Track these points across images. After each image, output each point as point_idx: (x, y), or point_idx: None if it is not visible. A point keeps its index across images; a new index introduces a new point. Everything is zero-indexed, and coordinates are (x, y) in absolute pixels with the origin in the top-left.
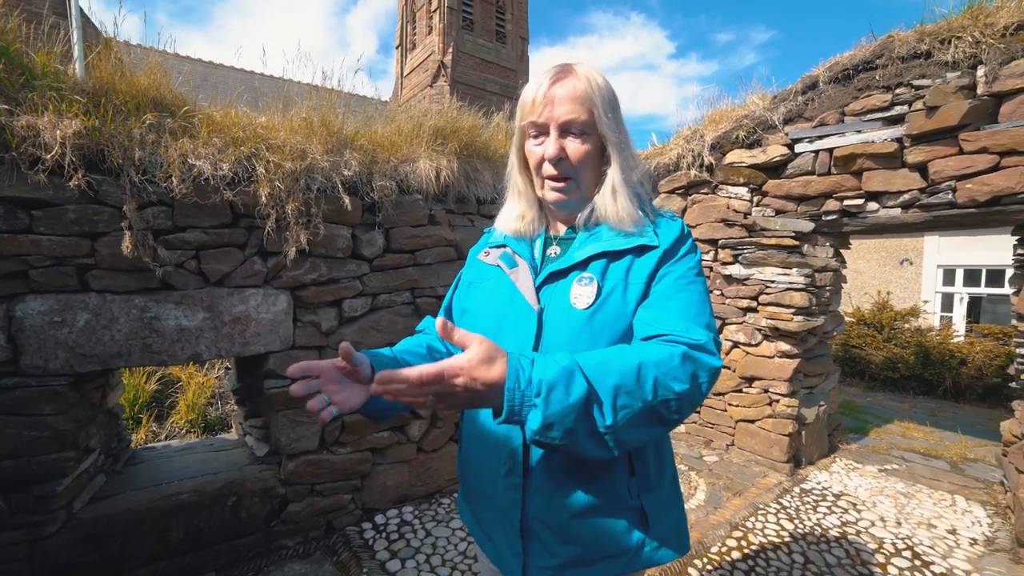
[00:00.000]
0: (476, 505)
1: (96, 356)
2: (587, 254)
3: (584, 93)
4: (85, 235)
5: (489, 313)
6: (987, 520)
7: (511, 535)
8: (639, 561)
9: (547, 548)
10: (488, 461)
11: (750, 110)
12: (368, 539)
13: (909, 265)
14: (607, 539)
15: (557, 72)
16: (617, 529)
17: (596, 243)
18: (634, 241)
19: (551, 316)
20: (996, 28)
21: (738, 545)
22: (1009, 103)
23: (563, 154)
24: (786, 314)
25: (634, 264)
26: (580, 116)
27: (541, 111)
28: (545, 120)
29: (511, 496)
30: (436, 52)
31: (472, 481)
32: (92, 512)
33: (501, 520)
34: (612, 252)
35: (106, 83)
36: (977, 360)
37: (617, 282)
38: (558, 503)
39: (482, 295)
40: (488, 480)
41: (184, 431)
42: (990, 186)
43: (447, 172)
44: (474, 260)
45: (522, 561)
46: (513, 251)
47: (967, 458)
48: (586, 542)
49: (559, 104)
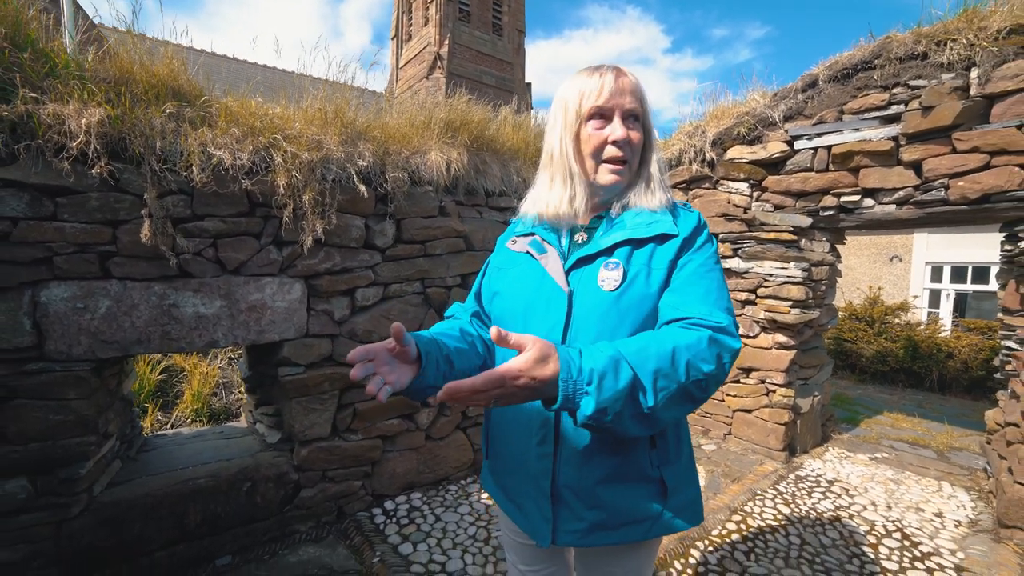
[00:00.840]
0: (505, 477)
1: (117, 342)
2: (613, 241)
3: (639, 88)
4: (107, 223)
5: (520, 295)
6: (971, 504)
7: (542, 501)
8: (658, 527)
9: (575, 513)
10: (520, 434)
11: (751, 107)
12: (379, 524)
13: (899, 262)
14: (630, 505)
15: (614, 68)
16: (639, 496)
17: (621, 231)
18: (656, 229)
19: (580, 298)
20: (989, 31)
21: (737, 528)
22: (1000, 104)
23: (629, 137)
24: (783, 307)
25: (656, 251)
26: (638, 107)
27: (609, 98)
28: (612, 106)
29: (543, 465)
30: (432, 44)
31: (502, 454)
32: (111, 496)
33: (532, 488)
34: (636, 240)
35: (126, 72)
36: (963, 354)
37: (641, 267)
38: (586, 471)
39: (512, 279)
40: (519, 451)
41: (190, 420)
42: (981, 184)
43: (457, 164)
44: (502, 247)
45: (551, 525)
46: (542, 239)
47: (953, 447)
48: (611, 508)
49: (622, 94)
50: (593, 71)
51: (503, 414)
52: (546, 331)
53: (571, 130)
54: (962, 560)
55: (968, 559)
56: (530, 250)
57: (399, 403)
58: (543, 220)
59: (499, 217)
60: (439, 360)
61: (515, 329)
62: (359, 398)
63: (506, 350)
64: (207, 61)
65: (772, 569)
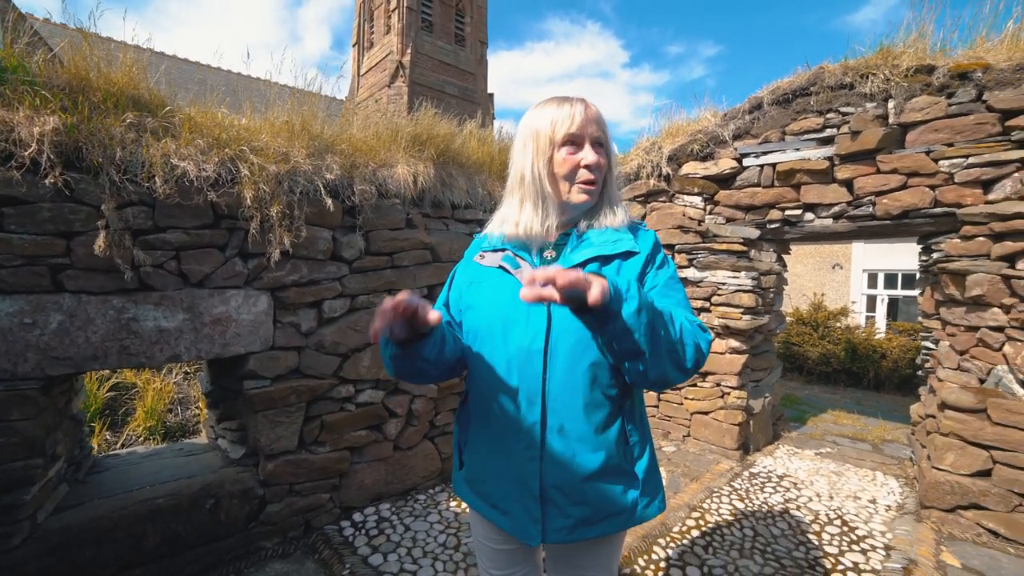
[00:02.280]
0: (484, 484)
1: (70, 359)
2: (584, 257)
3: (602, 118)
4: (60, 234)
5: (497, 308)
6: (899, 490)
7: (530, 503)
8: (634, 518)
9: (562, 511)
10: (504, 440)
11: (703, 125)
12: (348, 536)
13: (840, 269)
14: (610, 499)
15: (581, 100)
16: (618, 490)
17: (589, 247)
18: (621, 247)
19: (559, 309)
20: (901, 69)
21: (696, 524)
22: (912, 132)
23: (599, 162)
24: (736, 313)
25: (622, 267)
26: (603, 135)
27: (581, 126)
28: (583, 133)
29: (530, 467)
30: (395, 52)
31: (480, 463)
32: (59, 522)
33: (520, 491)
34: (604, 256)
35: (82, 79)
36: (894, 354)
37: None
38: (571, 470)
39: (486, 293)
40: (502, 458)
41: (142, 438)
42: (900, 202)
43: (424, 177)
44: (470, 262)
45: (541, 525)
46: (515, 254)
47: (886, 439)
48: (594, 503)
49: (590, 123)
50: (563, 101)
51: (485, 427)
52: (529, 339)
53: (544, 155)
54: (891, 540)
55: (896, 538)
56: (504, 265)
57: (367, 414)
58: (513, 239)
59: (465, 229)
60: (438, 339)
61: (494, 341)
62: (327, 410)
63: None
64: (167, 65)
65: (728, 560)
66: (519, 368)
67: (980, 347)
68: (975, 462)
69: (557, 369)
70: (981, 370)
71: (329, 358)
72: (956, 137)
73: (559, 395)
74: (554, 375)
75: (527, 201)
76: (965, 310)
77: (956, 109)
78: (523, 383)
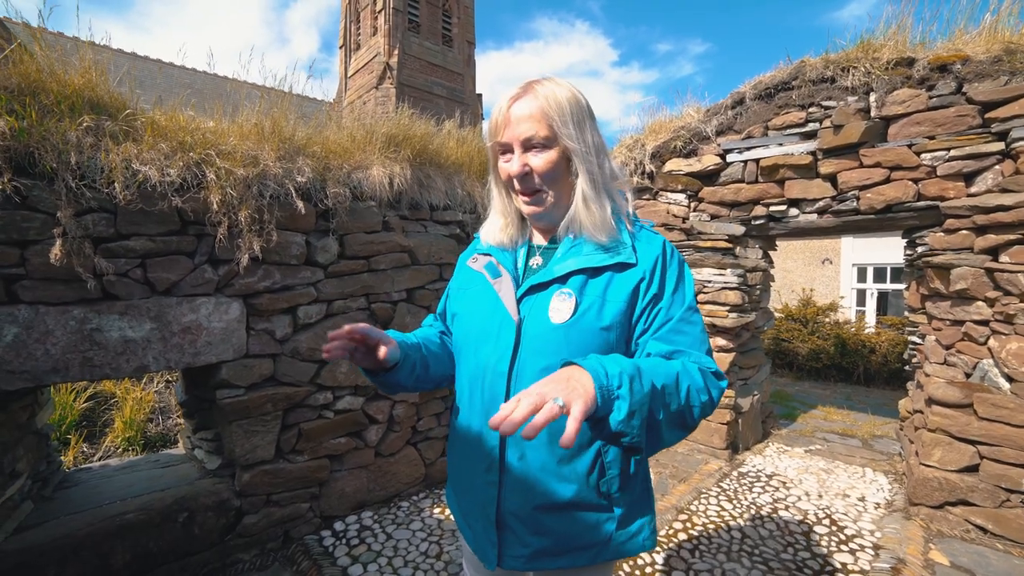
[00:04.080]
0: (461, 496)
1: (27, 372)
2: (567, 269)
3: (541, 110)
4: (13, 243)
5: (475, 319)
6: (888, 486)
7: (487, 527)
8: (607, 552)
9: (520, 539)
10: (469, 458)
11: (686, 122)
12: (328, 546)
13: (829, 264)
14: (576, 532)
15: (517, 92)
16: (586, 523)
17: (576, 258)
18: (613, 259)
19: (529, 328)
20: (881, 62)
21: (684, 527)
22: (895, 125)
23: (527, 169)
24: (722, 311)
25: (613, 281)
26: (539, 132)
27: (503, 131)
28: (508, 139)
29: (489, 492)
30: (382, 53)
31: (457, 475)
32: (19, 543)
33: (480, 513)
34: (592, 268)
35: (33, 81)
36: (883, 348)
37: (595, 299)
38: (531, 499)
39: (469, 301)
40: (468, 475)
41: (121, 450)
42: (884, 196)
43: (400, 179)
44: (463, 266)
45: (497, 550)
46: (497, 261)
47: (875, 435)
48: (555, 534)
49: (517, 123)
50: (500, 99)
51: (457, 438)
52: (496, 359)
53: (491, 163)
54: (879, 539)
55: (884, 537)
56: (485, 272)
57: (347, 421)
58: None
59: (444, 231)
60: (416, 363)
61: (467, 354)
62: (304, 418)
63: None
64: (137, 66)
65: (715, 564)
66: (482, 387)
67: (965, 341)
68: (962, 458)
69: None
70: (967, 364)
71: (306, 365)
72: (937, 130)
73: None
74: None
75: (493, 210)
76: (950, 304)
77: (937, 102)
78: (485, 403)
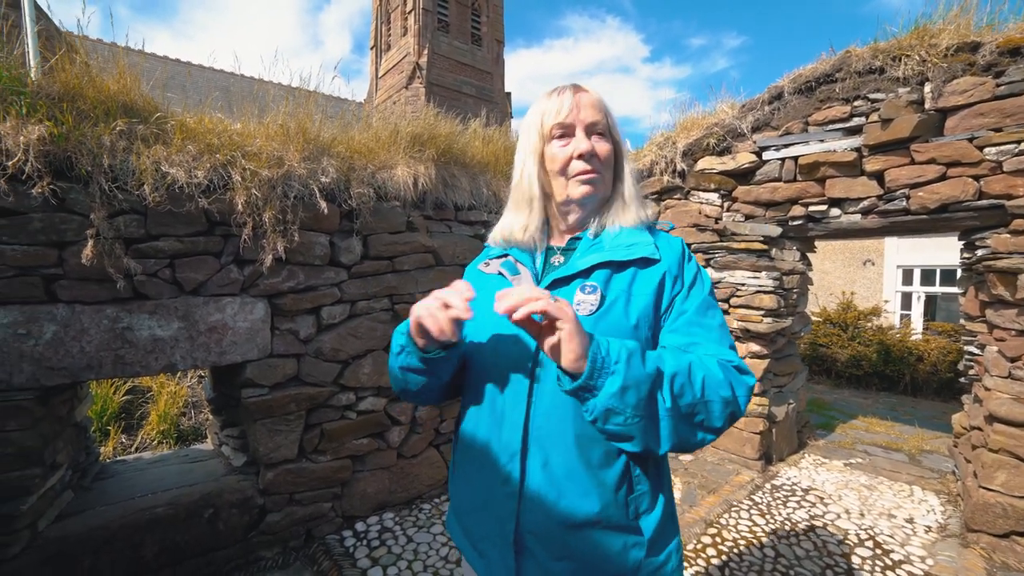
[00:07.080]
0: (468, 519)
1: (65, 369)
2: (590, 263)
3: (600, 102)
4: (52, 244)
5: (490, 320)
6: (940, 508)
7: (504, 549)
8: None
9: (540, 564)
10: (484, 470)
11: (720, 118)
12: (349, 547)
13: (871, 266)
14: (603, 557)
15: (572, 85)
16: (612, 548)
17: (599, 252)
18: (637, 253)
19: None
20: (939, 49)
21: (712, 542)
22: (953, 117)
23: (594, 150)
24: (756, 316)
25: (637, 276)
26: (602, 120)
27: (568, 113)
28: (572, 121)
29: (507, 506)
30: (411, 53)
31: (466, 493)
32: (59, 531)
33: (496, 533)
34: (616, 263)
35: (72, 88)
36: (932, 356)
37: (620, 293)
38: (554, 514)
39: (484, 303)
40: (483, 490)
41: (156, 442)
42: (939, 194)
43: (425, 179)
44: (473, 271)
45: None
46: (516, 260)
47: (924, 450)
48: (581, 558)
49: (584, 108)
50: (552, 92)
51: (468, 448)
52: (516, 355)
53: (536, 154)
54: (931, 567)
55: (937, 565)
56: (503, 271)
57: (369, 422)
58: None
59: (469, 231)
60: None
61: (484, 355)
62: (327, 418)
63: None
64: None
65: None
66: (503, 387)
67: None
68: None
69: (546, 391)
70: None
71: (329, 365)
72: (1006, 121)
73: (545, 422)
74: (542, 398)
75: (515, 205)
76: (1016, 312)
77: (1006, 90)
78: (506, 404)
